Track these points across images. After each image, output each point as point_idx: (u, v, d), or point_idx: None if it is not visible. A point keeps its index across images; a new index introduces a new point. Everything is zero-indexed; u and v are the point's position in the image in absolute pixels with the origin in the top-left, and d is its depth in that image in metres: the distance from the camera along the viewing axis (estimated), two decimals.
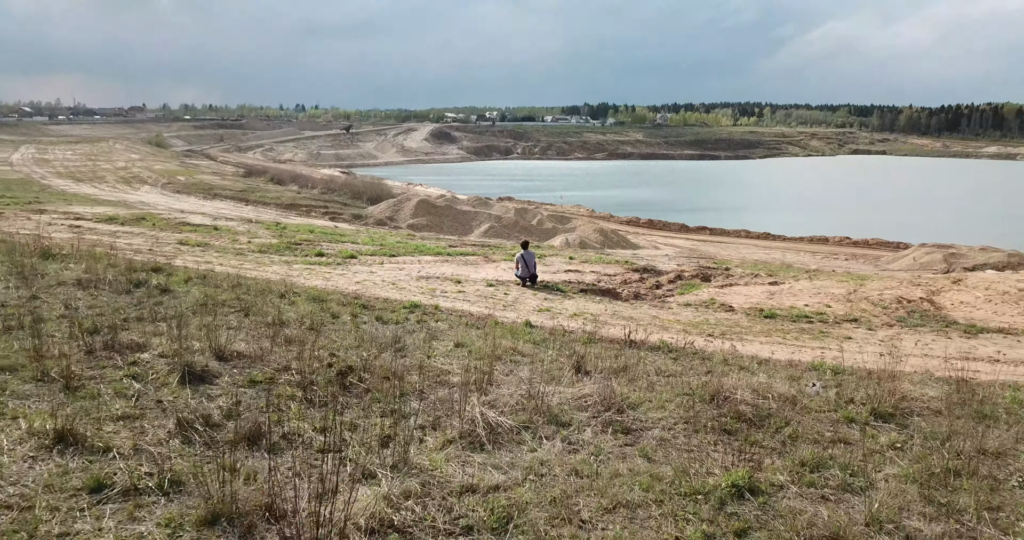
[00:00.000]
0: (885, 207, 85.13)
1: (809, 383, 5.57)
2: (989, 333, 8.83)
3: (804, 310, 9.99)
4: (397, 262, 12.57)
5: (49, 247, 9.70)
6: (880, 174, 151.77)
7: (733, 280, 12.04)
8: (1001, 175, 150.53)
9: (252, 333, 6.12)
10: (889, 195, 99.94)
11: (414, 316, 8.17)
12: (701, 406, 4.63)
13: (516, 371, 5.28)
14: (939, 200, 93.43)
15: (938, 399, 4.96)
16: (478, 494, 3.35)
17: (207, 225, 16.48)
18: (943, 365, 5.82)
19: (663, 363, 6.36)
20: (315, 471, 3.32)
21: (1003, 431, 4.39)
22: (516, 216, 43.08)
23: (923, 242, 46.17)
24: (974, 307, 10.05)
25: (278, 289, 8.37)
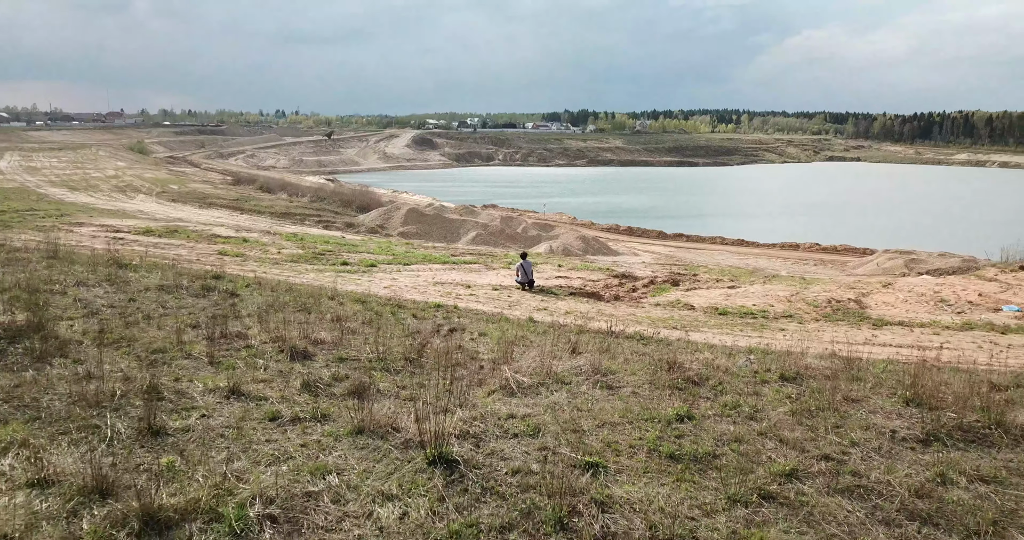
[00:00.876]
0: (856, 213, 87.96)
1: (741, 359, 7.50)
2: (892, 326, 10.81)
3: (751, 308, 11.91)
4: (412, 270, 14.41)
5: (121, 258, 11.43)
6: (853, 181, 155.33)
7: (698, 284, 13.98)
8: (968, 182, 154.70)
9: (319, 327, 7.93)
10: (860, 201, 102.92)
11: (440, 313, 9.99)
12: (660, 373, 6.51)
13: (527, 352, 7.13)
14: (907, 206, 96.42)
15: (829, 368, 6.91)
16: (516, 418, 5.19)
17: (236, 237, 18.18)
18: (845, 347, 7.78)
19: (635, 346, 8.26)
20: (410, 407, 5.17)
21: (864, 387, 6.32)
22: (502, 224, 44.90)
23: (887, 248, 48.45)
24: (892, 306, 12.03)
25: (326, 293, 10.15)
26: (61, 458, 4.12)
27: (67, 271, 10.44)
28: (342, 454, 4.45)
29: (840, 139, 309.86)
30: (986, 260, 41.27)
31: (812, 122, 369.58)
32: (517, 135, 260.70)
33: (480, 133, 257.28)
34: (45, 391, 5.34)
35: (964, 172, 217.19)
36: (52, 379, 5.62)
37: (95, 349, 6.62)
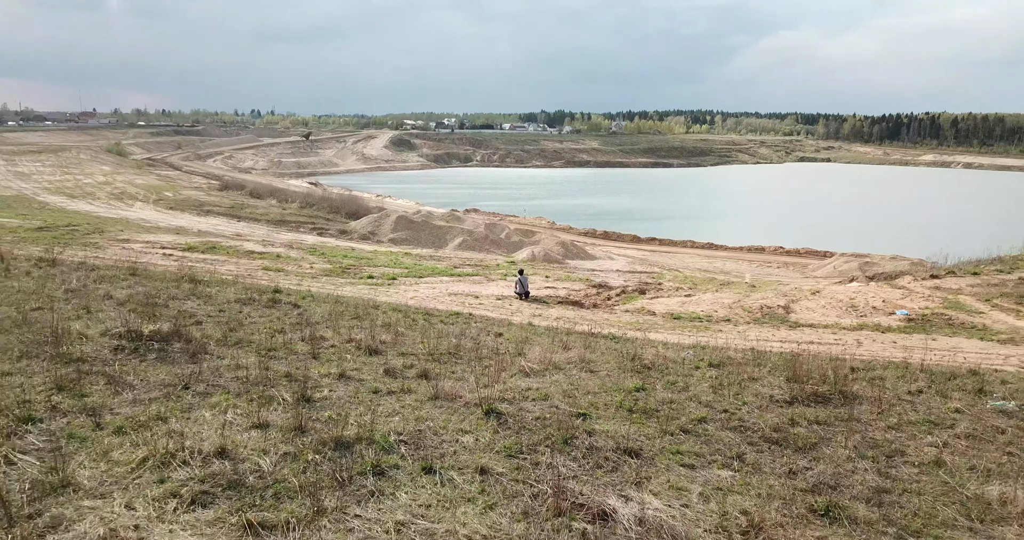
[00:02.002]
0: (821, 215, 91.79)
1: (685, 352, 10.36)
2: (803, 327, 13.81)
3: (700, 314, 14.82)
4: (427, 282, 17.23)
5: (194, 275, 14.08)
6: (821, 182, 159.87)
7: (661, 293, 16.93)
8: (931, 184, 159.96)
9: (377, 330, 10.65)
10: (827, 203, 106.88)
11: (460, 320, 12.79)
12: (625, 362, 9.34)
13: (533, 348, 9.92)
14: (870, 208, 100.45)
15: (743, 358, 9.80)
16: (532, 390, 7.88)
17: (268, 253, 20.78)
18: (760, 343, 10.69)
19: (609, 344, 11.08)
20: (462, 385, 7.94)
21: (763, 370, 9.22)
22: (486, 230, 47.62)
23: (844, 252, 51.79)
24: (812, 311, 15.04)
25: (370, 304, 12.93)
26: (265, 413, 6.88)
27: (156, 287, 13.10)
28: (428, 411, 7.25)
29: (811, 140, 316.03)
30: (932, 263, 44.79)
31: (784, 123, 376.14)
32: (495, 136, 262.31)
33: (458, 134, 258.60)
34: (219, 375, 8.07)
35: (929, 173, 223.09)
36: (216, 368, 8.35)
37: (227, 348, 9.35)
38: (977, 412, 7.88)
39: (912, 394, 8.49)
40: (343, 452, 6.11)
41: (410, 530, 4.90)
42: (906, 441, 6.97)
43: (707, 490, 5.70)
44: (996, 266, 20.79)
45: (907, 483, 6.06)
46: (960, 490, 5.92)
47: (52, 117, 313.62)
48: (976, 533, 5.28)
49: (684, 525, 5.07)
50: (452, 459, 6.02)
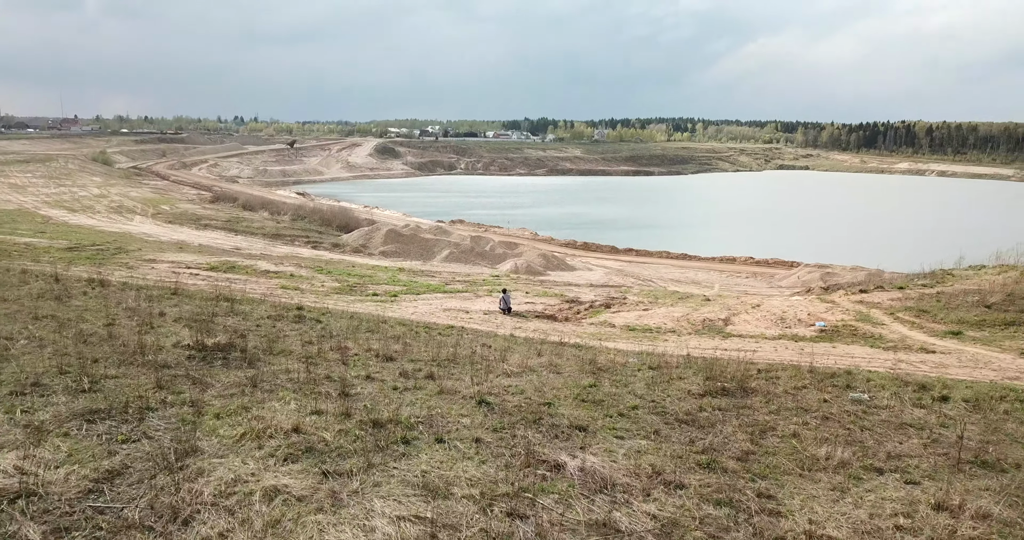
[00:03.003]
0: (793, 224, 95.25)
1: (632, 358, 13.08)
2: (734, 337, 16.58)
3: (651, 326, 17.57)
4: (424, 299, 19.88)
5: (228, 294, 16.65)
6: (798, 191, 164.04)
7: (623, 308, 19.70)
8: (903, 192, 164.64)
9: (389, 342, 13.26)
10: (800, 212, 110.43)
11: (455, 332, 15.42)
12: (584, 365, 12.03)
13: (513, 355, 12.56)
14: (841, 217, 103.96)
15: (677, 362, 12.54)
16: (512, 386, 10.54)
17: (283, 272, 23.30)
18: (693, 351, 13.42)
19: (573, 351, 13.75)
20: (461, 382, 10.57)
21: (689, 371, 11.95)
22: (472, 243, 50.28)
23: (807, 263, 54.86)
24: (748, 323, 17.85)
25: (379, 319, 15.55)
26: (318, 404, 9.53)
27: (199, 306, 15.69)
28: (436, 402, 9.92)
29: (790, 148, 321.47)
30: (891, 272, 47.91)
31: (764, 131, 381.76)
32: (478, 144, 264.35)
33: (442, 142, 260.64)
34: (275, 378, 10.70)
35: (903, 181, 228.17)
36: (272, 372, 10.97)
37: (273, 357, 11.98)
38: (838, 401, 10.66)
39: (796, 389, 11.25)
40: (379, 429, 8.78)
41: (430, 476, 7.57)
42: (779, 421, 9.74)
43: (629, 452, 8.42)
44: (924, 281, 23.75)
45: (768, 448, 8.81)
46: (803, 452, 8.68)
47: (34, 124, 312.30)
48: (802, 477, 8.03)
49: (610, 471, 7.79)
50: (456, 433, 8.71)
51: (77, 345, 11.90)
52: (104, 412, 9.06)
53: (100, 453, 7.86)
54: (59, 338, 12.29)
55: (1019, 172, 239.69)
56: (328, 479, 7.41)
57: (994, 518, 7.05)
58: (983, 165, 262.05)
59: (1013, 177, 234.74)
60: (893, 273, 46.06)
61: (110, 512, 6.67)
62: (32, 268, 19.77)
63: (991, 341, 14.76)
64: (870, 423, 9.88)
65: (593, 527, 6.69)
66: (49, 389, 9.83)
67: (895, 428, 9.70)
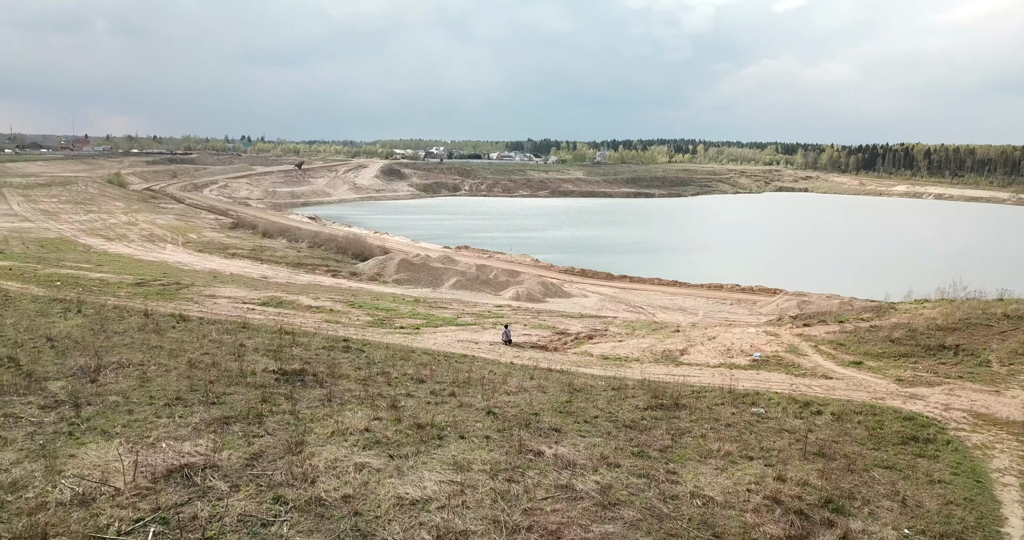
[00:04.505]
0: (782, 250, 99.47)
1: (600, 381, 17.35)
2: (684, 365, 20.71)
3: (621, 356, 21.72)
4: (441, 331, 24.13)
5: (287, 328, 20.96)
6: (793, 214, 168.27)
7: (603, 339, 23.94)
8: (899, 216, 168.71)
9: (420, 367, 17.52)
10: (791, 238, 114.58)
11: (467, 360, 19.64)
12: (564, 386, 16.22)
13: (512, 378, 16.79)
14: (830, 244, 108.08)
15: (633, 385, 16.74)
16: (511, 401, 14.83)
17: (323, 307, 27.56)
18: (649, 376, 17.68)
19: (557, 376, 17.97)
20: (474, 399, 14.83)
21: (640, 391, 16.14)
22: (477, 271, 54.67)
23: (787, 291, 58.91)
24: (700, 353, 22.02)
25: (407, 349, 19.81)
26: (377, 412, 13.89)
27: (267, 338, 20.06)
28: (458, 412, 14.22)
29: (790, 170, 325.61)
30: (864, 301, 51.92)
31: (764, 152, 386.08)
32: (482, 166, 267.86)
33: (446, 164, 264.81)
34: (343, 395, 15.05)
35: (901, 204, 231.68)
36: (339, 391, 15.31)
37: (335, 379, 16.33)
38: (742, 414, 14.95)
39: (714, 405, 15.51)
40: (421, 429, 13.12)
41: (457, 458, 11.89)
42: (694, 427, 14.04)
43: (588, 445, 12.74)
44: (866, 315, 28.00)
45: (682, 444, 13.12)
46: (704, 447, 12.99)
47: (46, 143, 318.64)
48: (699, 462, 12.33)
49: (573, 457, 12.11)
50: (472, 432, 13.06)
51: (192, 370, 16.29)
52: (233, 418, 13.43)
53: (242, 443, 12.21)
54: (176, 364, 16.69)
55: (1015, 195, 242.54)
56: (393, 459, 11.75)
57: (808, 483, 11.38)
58: (980, 188, 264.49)
59: (1009, 201, 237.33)
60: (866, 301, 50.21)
61: (264, 477, 11.02)
62: (121, 304, 24.22)
63: (881, 370, 18.91)
64: (758, 429, 14.18)
65: (560, 488, 11.03)
66: (189, 402, 14.20)
67: (775, 432, 14.01)
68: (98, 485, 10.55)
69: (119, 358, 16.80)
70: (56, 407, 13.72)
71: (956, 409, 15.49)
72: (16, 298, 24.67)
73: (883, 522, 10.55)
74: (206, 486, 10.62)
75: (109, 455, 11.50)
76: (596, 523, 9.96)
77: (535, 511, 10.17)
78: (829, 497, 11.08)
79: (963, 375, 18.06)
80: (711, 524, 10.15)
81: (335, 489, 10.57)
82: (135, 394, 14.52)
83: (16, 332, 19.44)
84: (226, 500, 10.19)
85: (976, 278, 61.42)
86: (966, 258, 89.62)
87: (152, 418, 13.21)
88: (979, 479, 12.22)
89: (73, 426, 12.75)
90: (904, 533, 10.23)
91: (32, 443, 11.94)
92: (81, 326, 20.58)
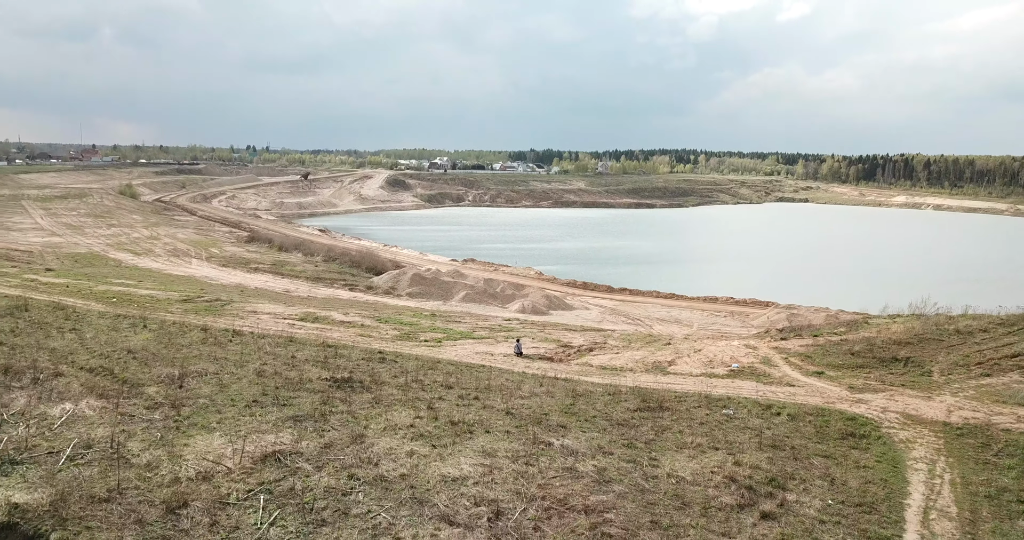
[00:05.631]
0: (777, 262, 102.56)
1: (598, 388, 20.55)
2: (671, 375, 23.91)
3: (617, 366, 24.91)
4: (460, 344, 27.33)
5: (327, 342, 24.22)
6: (791, 226, 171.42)
7: (603, 351, 27.15)
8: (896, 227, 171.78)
9: (447, 376, 20.76)
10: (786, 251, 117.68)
11: (485, 370, 22.87)
12: (568, 392, 19.42)
13: (524, 385, 20.00)
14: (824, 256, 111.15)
15: (626, 390, 19.94)
16: (524, 404, 18.06)
17: (354, 322, 30.85)
18: (640, 384, 20.88)
19: (562, 383, 21.12)
20: (495, 402, 18.11)
21: (631, 395, 19.31)
22: (485, 285, 58.00)
23: (778, 303, 61.96)
24: (686, 364, 25.24)
25: (434, 360, 23.06)
26: (418, 412, 17.21)
27: (313, 351, 23.38)
28: (483, 412, 17.51)
29: (791, 180, 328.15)
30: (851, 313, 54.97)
31: (765, 162, 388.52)
32: (486, 176, 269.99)
33: (450, 174, 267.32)
34: (387, 398, 18.36)
35: (899, 215, 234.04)
36: (384, 395, 18.61)
37: (378, 385, 19.64)
38: (715, 415, 18.21)
39: (692, 408, 18.77)
40: (454, 426, 16.42)
41: (486, 447, 15.18)
42: (674, 425, 17.30)
43: (588, 438, 16.03)
44: (839, 329, 31.26)
45: (663, 438, 16.38)
46: (680, 440, 16.27)
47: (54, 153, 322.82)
48: (676, 452, 15.61)
49: (576, 446, 15.41)
50: (495, 428, 16.36)
51: (260, 378, 19.62)
52: (302, 417, 16.74)
53: (315, 436, 15.53)
54: (245, 373, 20.02)
55: (1012, 206, 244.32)
56: (435, 448, 15.06)
57: (759, 467, 14.68)
58: (978, 199, 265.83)
59: (1007, 211, 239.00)
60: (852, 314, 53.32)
61: (337, 460, 14.32)
62: (179, 320, 27.60)
63: (838, 379, 22.10)
64: (726, 427, 17.46)
65: (565, 470, 14.32)
66: (263, 404, 17.51)
67: (739, 429, 17.29)
68: (213, 465, 13.87)
69: (197, 367, 20.13)
70: (158, 408, 17.03)
71: (892, 411, 18.74)
72: (84, 314, 28.04)
73: (813, 495, 13.83)
74: (295, 467, 13.93)
75: (214, 444, 14.81)
76: (593, 494, 13.25)
77: (547, 485, 13.48)
78: (774, 477, 14.37)
79: (905, 383, 21.30)
80: (681, 496, 13.45)
81: (393, 469, 13.88)
82: (218, 397, 17.84)
83: (99, 345, 22.80)
84: (312, 477, 13.50)
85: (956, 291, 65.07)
86: (951, 271, 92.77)
87: (238, 416, 16.52)
88: (896, 465, 15.49)
89: (178, 423, 16.05)
90: (828, 502, 13.51)
91: (151, 435, 15.25)
92: (151, 340, 23.93)
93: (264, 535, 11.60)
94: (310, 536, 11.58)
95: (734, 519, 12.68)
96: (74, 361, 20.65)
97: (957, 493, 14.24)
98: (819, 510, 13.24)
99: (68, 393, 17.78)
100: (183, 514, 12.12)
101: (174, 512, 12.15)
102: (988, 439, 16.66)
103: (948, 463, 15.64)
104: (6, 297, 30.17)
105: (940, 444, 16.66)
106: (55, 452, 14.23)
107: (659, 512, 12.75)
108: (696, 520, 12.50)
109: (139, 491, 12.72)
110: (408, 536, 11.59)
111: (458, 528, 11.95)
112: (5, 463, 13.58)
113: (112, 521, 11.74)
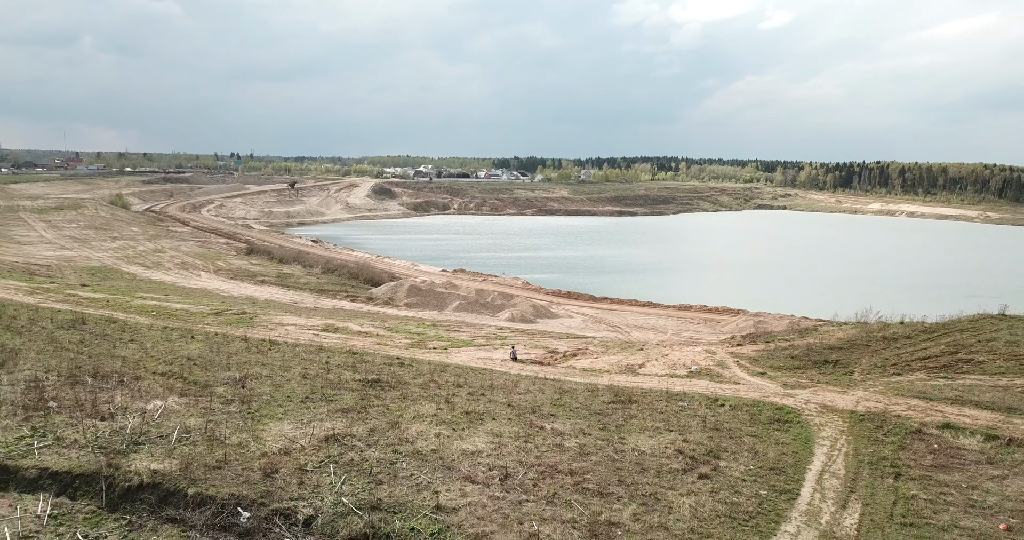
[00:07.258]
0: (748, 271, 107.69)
1: (580, 386, 25.17)
2: (640, 375, 28.53)
3: (596, 368, 29.46)
4: (464, 350, 31.87)
5: (351, 350, 28.64)
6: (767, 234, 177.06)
7: (585, 356, 31.73)
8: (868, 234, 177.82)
9: (457, 377, 25.29)
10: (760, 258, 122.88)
11: (487, 372, 27.33)
12: (556, 390, 24.02)
13: (520, 385, 24.55)
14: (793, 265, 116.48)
15: (600, 388, 24.58)
16: (523, 399, 22.61)
17: (370, 332, 35.25)
18: (613, 383, 25.55)
19: (551, 383, 25.63)
20: (501, 399, 22.64)
21: (605, 392, 23.97)
22: (476, 295, 62.50)
23: (746, 311, 66.74)
24: (653, 366, 29.87)
25: (444, 364, 27.53)
26: (438, 406, 21.82)
27: (341, 357, 27.89)
28: (490, 406, 22.14)
29: (770, 187, 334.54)
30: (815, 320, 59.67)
31: (745, 170, 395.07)
32: (471, 184, 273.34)
33: (436, 183, 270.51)
34: (412, 395, 22.94)
35: (874, 221, 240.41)
36: (410, 393, 23.18)
37: (401, 385, 24.21)
38: (672, 407, 22.92)
39: (654, 401, 23.47)
40: (468, 415, 21.02)
41: (493, 431, 19.81)
42: (639, 414, 21.97)
43: (572, 424, 20.68)
44: (789, 337, 36.16)
45: (629, 424, 21.04)
46: (643, 424, 20.96)
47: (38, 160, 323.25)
48: (639, 433, 20.30)
49: (563, 429, 20.09)
50: (500, 417, 20.98)
51: (305, 380, 24.14)
52: (347, 409, 21.28)
53: (361, 423, 20.09)
54: (292, 376, 24.52)
55: (982, 213, 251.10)
56: (455, 431, 19.66)
57: (702, 444, 19.43)
58: (951, 206, 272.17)
59: (976, 218, 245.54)
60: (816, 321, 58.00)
61: (382, 441, 18.91)
62: (221, 331, 32.01)
63: (776, 378, 26.84)
64: (680, 416, 22.18)
65: (555, 446, 18.99)
66: (314, 400, 22.03)
67: (690, 417, 22.02)
68: (290, 443, 18.40)
69: (252, 372, 24.61)
70: (230, 403, 21.47)
71: (812, 403, 23.54)
72: (136, 327, 32.36)
73: (740, 462, 18.58)
74: (351, 445, 18.47)
75: (285, 429, 19.31)
76: (576, 462, 17.92)
77: (541, 456, 18.14)
78: (712, 450, 19.11)
79: (829, 381, 26.13)
80: (641, 463, 18.15)
81: (426, 446, 18.48)
82: (276, 395, 22.34)
83: (161, 353, 27.17)
84: (366, 452, 18.05)
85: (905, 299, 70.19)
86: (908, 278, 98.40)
87: (297, 409, 21.03)
88: (807, 442, 20.26)
89: (251, 414, 20.52)
90: (750, 467, 18.27)
91: (234, 423, 19.71)
92: (203, 349, 28.34)
93: (339, 490, 16.13)
94: (373, 491, 16.13)
95: (679, 478, 17.39)
96: (146, 367, 25.01)
97: (848, 461, 19.04)
98: (743, 473, 17.98)
99: (154, 392, 22.16)
100: (276, 476, 16.64)
101: (270, 476, 16.66)
102: (882, 422, 21.49)
103: (847, 440, 20.44)
104: (61, 312, 34.40)
105: (844, 427, 21.47)
106: (164, 435, 18.65)
107: (624, 474, 17.44)
108: (651, 479, 17.21)
109: (240, 461, 17.22)
110: (443, 490, 16.18)
111: (478, 485, 16.56)
112: (131, 443, 18.02)
113: (227, 480, 16.25)
